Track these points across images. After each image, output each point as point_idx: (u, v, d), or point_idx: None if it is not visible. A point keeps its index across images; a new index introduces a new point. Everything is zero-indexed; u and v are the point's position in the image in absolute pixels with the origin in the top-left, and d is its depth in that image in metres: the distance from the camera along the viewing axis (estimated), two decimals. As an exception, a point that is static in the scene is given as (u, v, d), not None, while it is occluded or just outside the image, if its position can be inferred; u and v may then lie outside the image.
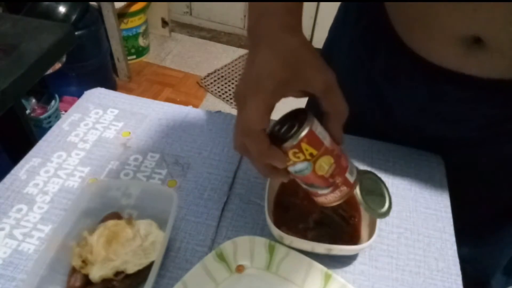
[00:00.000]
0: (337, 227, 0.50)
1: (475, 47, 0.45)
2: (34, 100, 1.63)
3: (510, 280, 0.76)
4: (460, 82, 0.50)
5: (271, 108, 0.37)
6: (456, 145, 0.59)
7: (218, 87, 2.16)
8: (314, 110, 0.39)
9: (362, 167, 0.59)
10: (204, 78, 2.21)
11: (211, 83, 2.18)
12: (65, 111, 0.92)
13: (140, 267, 0.45)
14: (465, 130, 0.56)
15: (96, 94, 0.70)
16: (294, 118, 0.39)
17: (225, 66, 2.29)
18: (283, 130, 0.39)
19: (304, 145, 0.38)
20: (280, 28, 0.38)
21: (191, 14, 2.56)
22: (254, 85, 0.36)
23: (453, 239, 0.53)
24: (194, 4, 2.51)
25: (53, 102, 1.66)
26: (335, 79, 0.37)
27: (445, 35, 0.46)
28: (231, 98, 2.09)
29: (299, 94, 0.39)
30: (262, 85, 0.36)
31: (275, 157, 0.38)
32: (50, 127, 0.64)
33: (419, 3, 0.46)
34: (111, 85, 2.03)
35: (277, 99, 0.37)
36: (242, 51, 2.40)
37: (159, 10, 2.37)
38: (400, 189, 0.59)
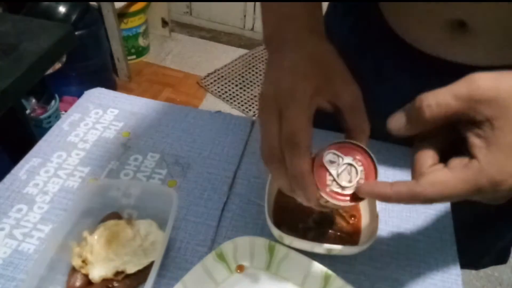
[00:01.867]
0: (337, 227, 0.50)
1: (460, 31, 0.44)
2: (34, 100, 1.63)
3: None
4: (445, 71, 0.49)
5: (312, 119, 0.33)
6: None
7: (218, 87, 2.16)
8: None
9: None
10: (204, 78, 2.21)
11: (211, 83, 2.18)
12: (65, 111, 0.92)
13: (140, 267, 0.45)
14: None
15: (96, 94, 0.70)
16: (349, 154, 0.35)
17: (225, 66, 2.29)
18: (338, 171, 0.34)
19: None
20: (307, 31, 0.37)
21: (191, 14, 2.56)
22: (290, 91, 0.33)
23: (453, 239, 0.53)
24: (194, 4, 2.51)
25: (53, 102, 1.66)
26: (361, 95, 0.36)
27: (430, 19, 0.46)
28: (231, 98, 2.09)
29: (327, 105, 0.36)
30: (299, 90, 0.33)
31: (308, 190, 0.34)
32: (50, 127, 0.64)
33: None
34: (111, 85, 2.03)
35: (314, 107, 0.34)
36: (242, 51, 2.40)
37: (159, 10, 2.37)
38: (400, 189, 0.59)
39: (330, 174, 0.34)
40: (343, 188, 0.34)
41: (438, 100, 0.29)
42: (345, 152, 0.35)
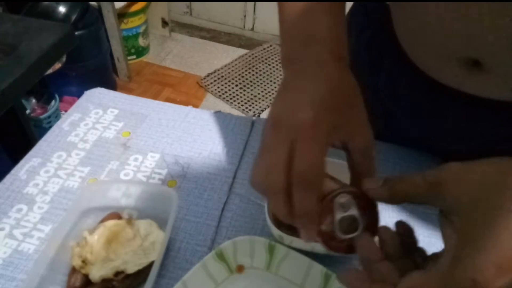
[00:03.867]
0: (337, 227, 0.50)
1: (473, 68, 0.43)
2: (34, 100, 1.63)
3: None
4: (460, 99, 0.49)
5: (326, 154, 0.32)
6: (459, 159, 0.58)
7: (218, 87, 2.16)
8: None
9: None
10: (204, 78, 2.21)
11: (211, 83, 2.18)
12: (65, 111, 0.92)
13: (140, 267, 0.45)
14: (467, 146, 0.55)
15: (96, 94, 0.70)
16: (360, 205, 0.33)
17: (225, 66, 2.29)
18: (339, 217, 0.33)
19: None
20: (333, 57, 0.35)
21: (191, 14, 2.56)
22: (309, 124, 0.31)
23: (453, 239, 0.53)
24: (194, 4, 2.51)
25: (53, 102, 1.66)
26: (374, 140, 0.35)
27: (443, 55, 0.45)
28: (231, 98, 2.09)
29: (338, 144, 0.35)
30: (320, 126, 0.31)
31: (309, 231, 0.33)
32: (50, 127, 0.64)
33: (417, 20, 0.45)
34: (111, 85, 2.03)
35: (329, 145, 0.33)
36: (242, 51, 2.40)
37: (159, 10, 2.37)
38: (400, 189, 0.59)
39: (333, 217, 0.33)
40: (335, 235, 0.33)
41: (413, 180, 0.31)
42: (357, 201, 0.34)
